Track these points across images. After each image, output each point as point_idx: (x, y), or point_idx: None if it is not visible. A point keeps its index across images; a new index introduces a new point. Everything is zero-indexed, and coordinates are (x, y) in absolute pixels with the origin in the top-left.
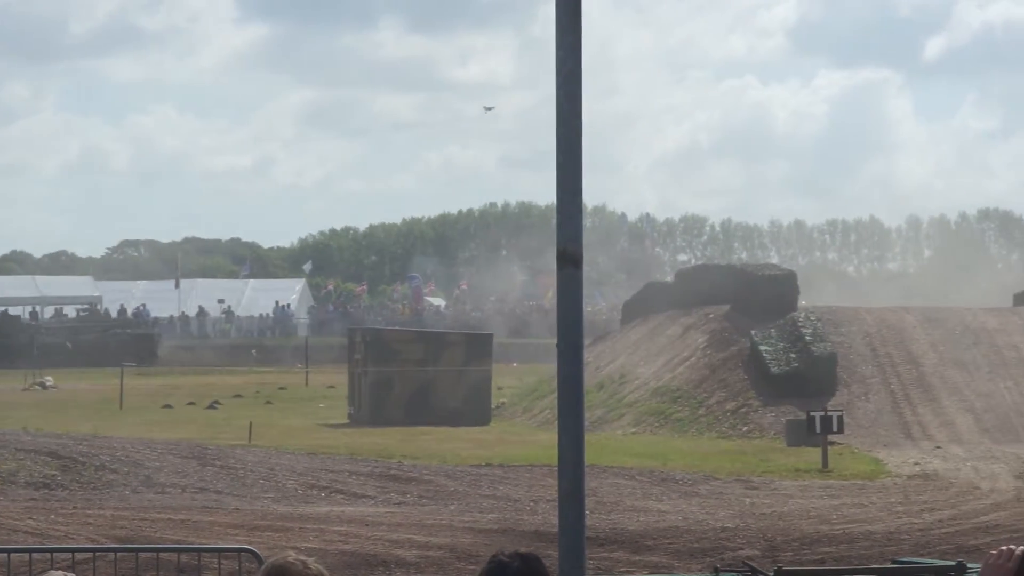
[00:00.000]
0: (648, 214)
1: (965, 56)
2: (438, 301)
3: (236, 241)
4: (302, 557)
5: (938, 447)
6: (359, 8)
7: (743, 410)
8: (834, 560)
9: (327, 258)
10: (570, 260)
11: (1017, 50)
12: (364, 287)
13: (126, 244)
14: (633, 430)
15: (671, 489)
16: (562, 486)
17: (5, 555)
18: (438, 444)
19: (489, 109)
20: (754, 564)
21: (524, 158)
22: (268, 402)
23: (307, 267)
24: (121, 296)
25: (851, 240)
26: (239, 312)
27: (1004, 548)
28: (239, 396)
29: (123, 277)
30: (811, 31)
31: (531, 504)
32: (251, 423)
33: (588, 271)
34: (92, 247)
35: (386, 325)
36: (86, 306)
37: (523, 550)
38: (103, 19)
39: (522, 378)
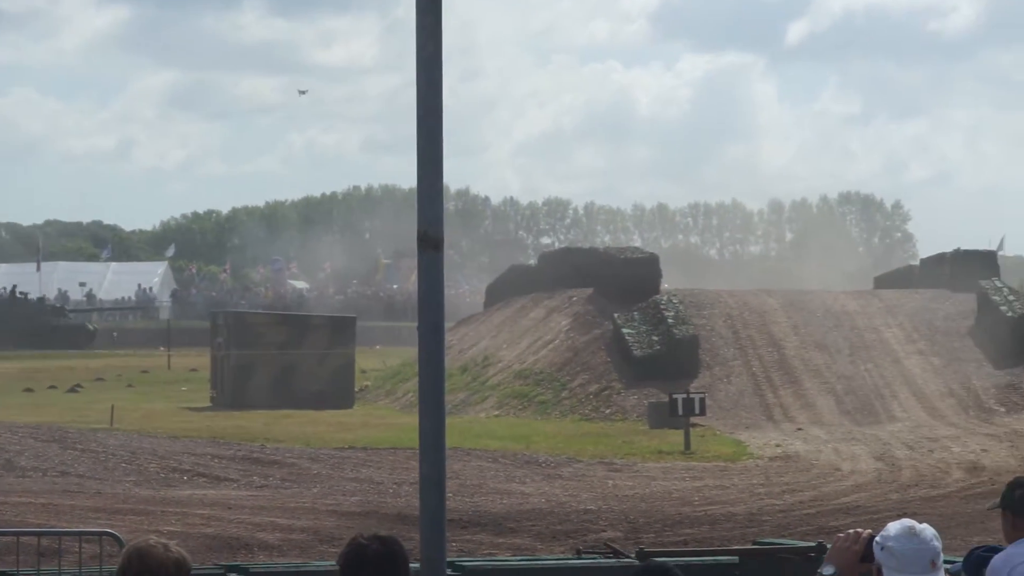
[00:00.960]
0: (512, 197)
1: (827, 41)
2: (301, 284)
3: (98, 224)
4: (163, 540)
5: (799, 429)
6: None
7: (606, 392)
8: (696, 542)
9: (189, 241)
10: (430, 243)
11: (878, 35)
12: (227, 270)
13: None
14: (496, 413)
15: (534, 471)
16: (423, 469)
17: None
18: (301, 427)
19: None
20: (616, 546)
21: (387, 141)
22: (130, 385)
23: (169, 250)
24: None
25: (713, 223)
26: (101, 295)
27: (851, 531)
28: (100, 379)
29: None
30: (673, 15)
31: (394, 487)
32: (113, 407)
33: (451, 254)
34: None
35: (249, 308)
36: None
37: (383, 533)
38: None
39: (385, 361)
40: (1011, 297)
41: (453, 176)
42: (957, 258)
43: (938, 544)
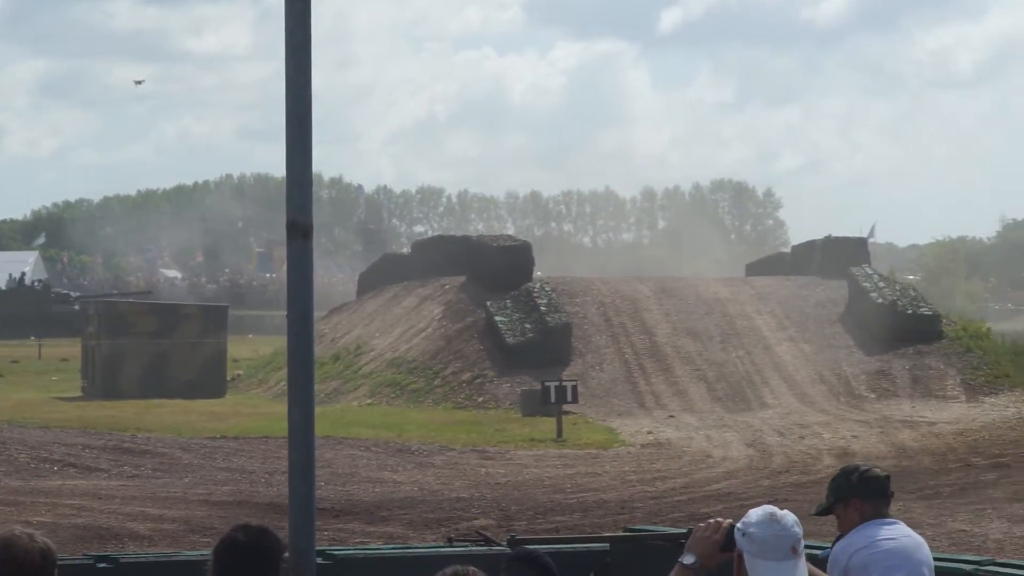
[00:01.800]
0: (385, 186)
1: (700, 28)
2: (173, 273)
3: None
4: (28, 531)
5: (671, 416)
6: None
7: (478, 380)
8: (568, 529)
9: (61, 230)
10: (300, 231)
11: (750, 22)
12: (99, 259)
13: None
14: (369, 401)
15: (406, 460)
16: (292, 457)
17: None
18: (173, 417)
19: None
20: (488, 534)
21: (260, 129)
22: (0, 375)
23: (39, 239)
24: None
25: (587, 211)
26: None
27: (712, 520)
28: None
29: None
30: (547, 3)
31: (266, 476)
32: None
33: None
34: None
35: (120, 297)
36: None
37: (254, 523)
38: None
39: (258, 350)
40: (881, 284)
41: (326, 164)
42: (828, 245)
43: (799, 530)
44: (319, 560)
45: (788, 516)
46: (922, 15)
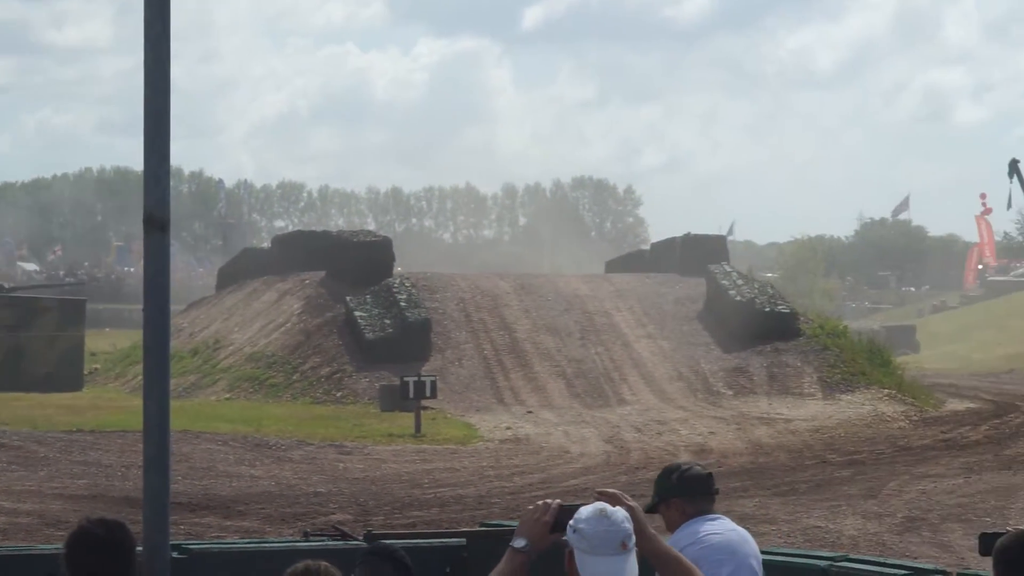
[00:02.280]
0: (246, 180)
1: (562, 26)
2: (31, 266)
3: None
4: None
5: (530, 412)
6: None
7: (338, 375)
8: (425, 524)
9: None
10: (156, 225)
11: (612, 20)
12: None
13: None
14: (228, 395)
15: (264, 454)
16: (147, 452)
17: None
18: (29, 410)
19: None
20: (345, 528)
21: (121, 123)
22: None
23: None
24: None
25: (448, 207)
26: None
27: (540, 502)
28: None
29: None
30: (410, 0)
31: (122, 470)
32: None
33: (185, 237)
34: None
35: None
36: None
37: (109, 517)
38: None
39: (115, 344)
40: (740, 282)
41: (187, 158)
42: (687, 243)
43: (629, 526)
44: (174, 554)
45: (619, 512)
46: (783, 15)
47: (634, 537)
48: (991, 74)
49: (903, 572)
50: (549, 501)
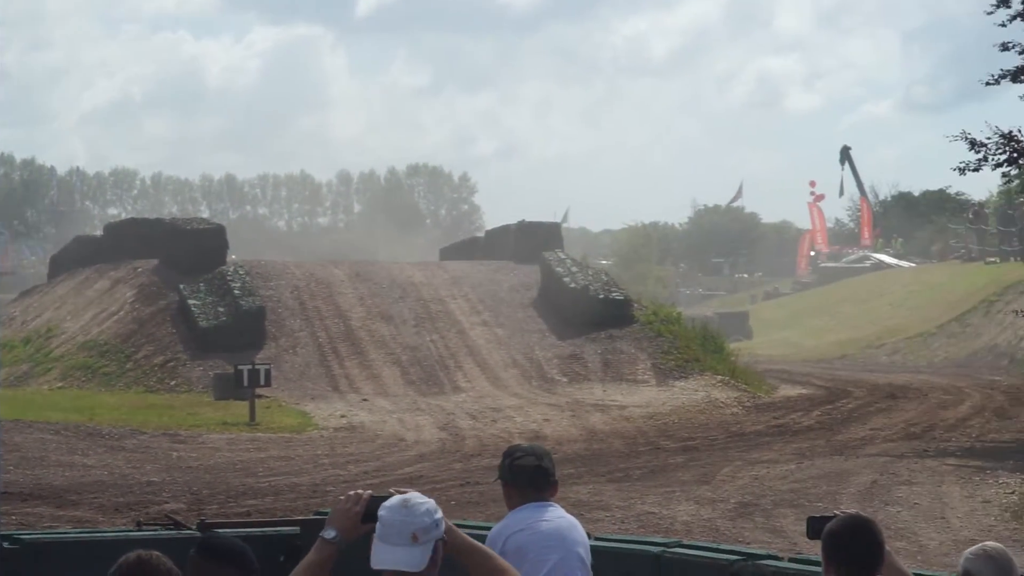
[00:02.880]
0: (78, 168)
1: (396, 13)
2: None
3: None
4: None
5: (365, 400)
6: None
7: (171, 364)
8: (260, 512)
9: None
10: None
11: (446, 7)
12: None
13: None
14: (60, 384)
15: (97, 443)
16: None
17: None
18: None
19: None
20: (178, 518)
21: None
22: None
23: None
24: None
25: (282, 195)
26: None
27: (352, 492)
28: None
29: None
30: None
31: None
32: None
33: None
34: None
35: None
36: None
37: None
38: None
39: None
40: (574, 269)
41: (19, 146)
42: (522, 230)
43: (428, 520)
44: (6, 544)
45: (422, 505)
46: (616, 3)
47: (434, 532)
48: (822, 62)
49: (735, 558)
50: (360, 492)
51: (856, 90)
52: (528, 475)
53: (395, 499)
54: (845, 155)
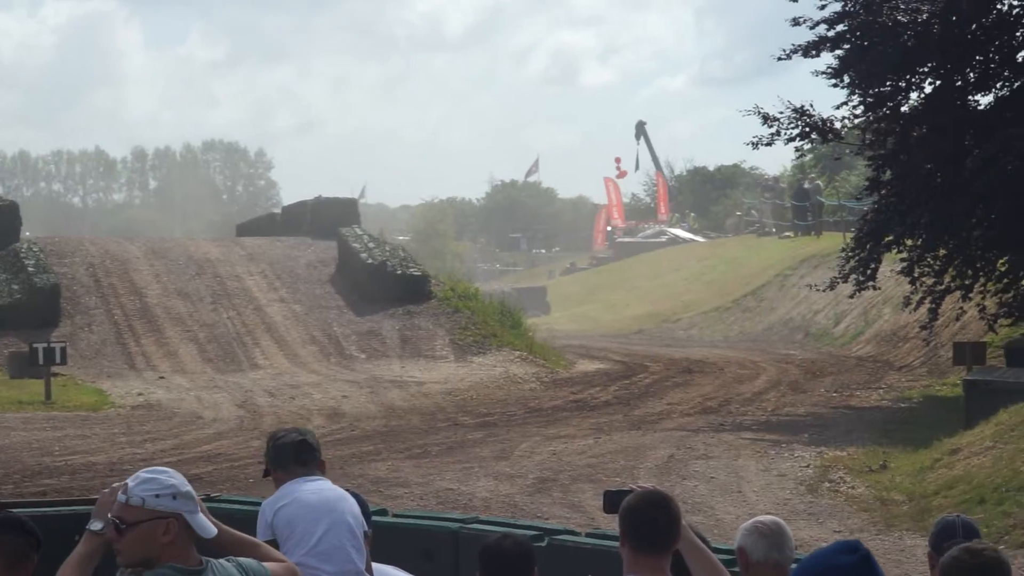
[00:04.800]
0: None
1: None
2: None
3: None
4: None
5: (162, 377)
6: None
7: None
8: (56, 492)
9: None
10: None
11: None
12: None
13: None
14: None
15: None
16: None
17: None
18: None
19: None
20: None
21: None
22: None
23: None
24: None
25: (77, 171)
26: None
27: (114, 485)
28: None
29: None
30: None
31: None
32: None
33: None
34: None
35: None
36: None
37: None
38: None
39: None
40: (371, 244)
41: None
42: (318, 206)
43: (174, 481)
44: None
45: (173, 475)
46: None
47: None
48: (618, 37)
49: (533, 533)
50: (117, 485)
51: (651, 64)
52: (292, 450)
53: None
54: (640, 130)
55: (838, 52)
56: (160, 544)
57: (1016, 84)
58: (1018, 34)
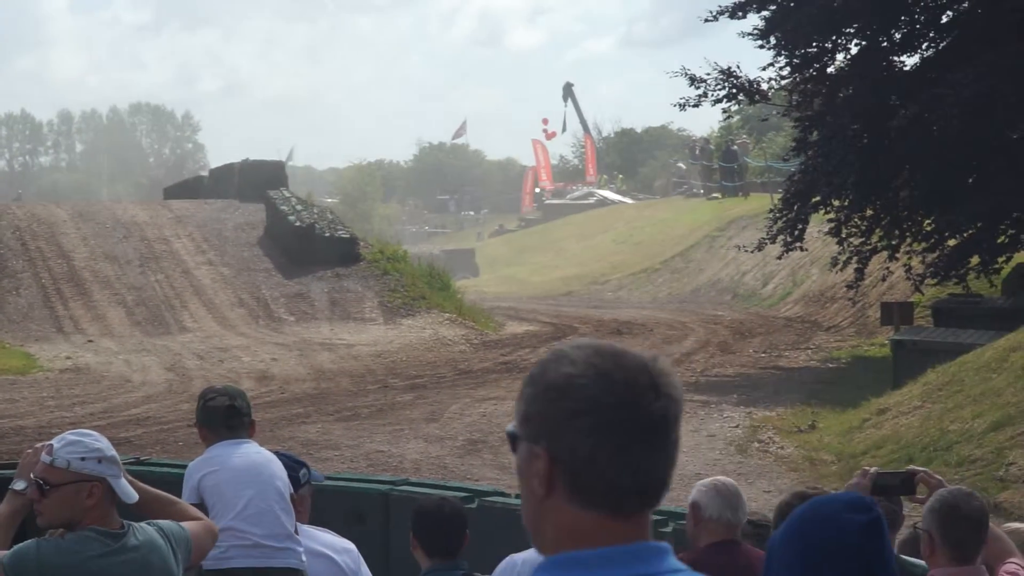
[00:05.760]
0: None
1: None
2: None
3: None
4: None
5: (90, 341)
6: None
7: None
8: None
9: None
10: None
11: None
12: None
13: None
14: None
15: None
16: None
17: None
18: None
19: None
20: None
21: None
22: None
23: None
24: None
25: (2, 134)
26: None
27: (38, 445)
28: None
29: None
30: None
31: None
32: None
33: None
34: None
35: None
36: None
37: None
38: None
39: None
40: (299, 207)
41: None
42: (246, 168)
43: (99, 444)
44: None
45: (99, 439)
46: None
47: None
48: None
49: (463, 494)
50: (39, 445)
51: (578, 26)
52: (221, 415)
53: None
54: (568, 91)
55: (764, 13)
56: (84, 507)
57: (941, 44)
58: None
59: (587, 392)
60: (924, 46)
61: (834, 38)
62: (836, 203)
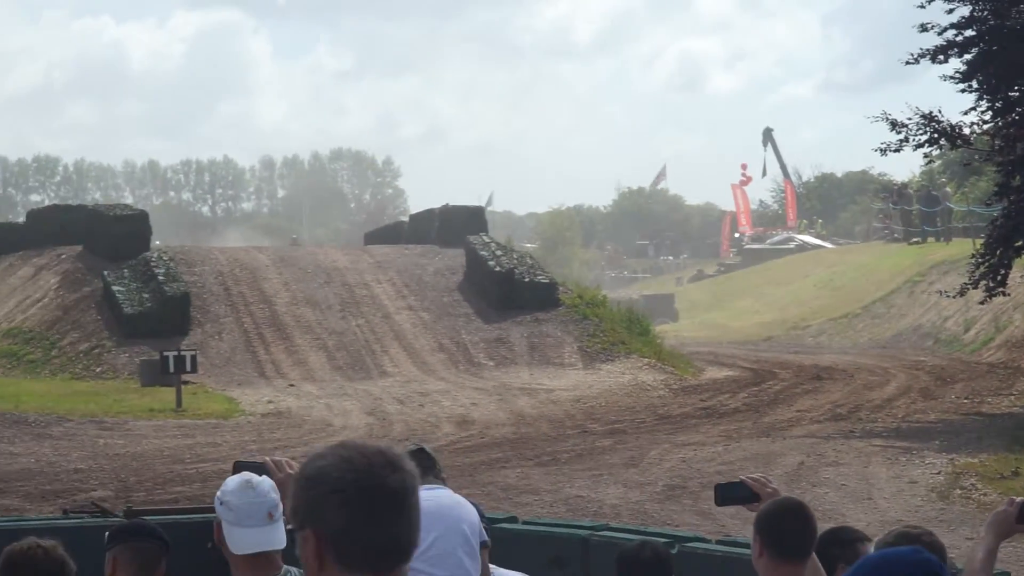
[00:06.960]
0: (0, 155)
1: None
2: None
3: None
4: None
5: (292, 385)
6: None
7: (97, 351)
8: (187, 499)
9: None
10: None
11: None
12: None
13: None
14: None
15: (23, 431)
16: None
17: None
18: None
19: None
20: (105, 505)
21: None
22: None
23: None
24: None
25: (206, 180)
26: None
27: (280, 459)
28: None
29: None
30: None
31: None
32: None
33: None
34: None
35: None
36: None
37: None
38: None
39: None
40: (499, 252)
41: None
42: (445, 214)
43: (276, 496)
44: None
45: (265, 483)
46: None
47: (281, 507)
48: (744, 43)
49: (663, 540)
50: (280, 458)
51: (777, 71)
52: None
53: (236, 482)
54: (768, 136)
55: (966, 57)
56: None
57: None
58: None
59: (335, 475)
60: None
61: None
62: None
